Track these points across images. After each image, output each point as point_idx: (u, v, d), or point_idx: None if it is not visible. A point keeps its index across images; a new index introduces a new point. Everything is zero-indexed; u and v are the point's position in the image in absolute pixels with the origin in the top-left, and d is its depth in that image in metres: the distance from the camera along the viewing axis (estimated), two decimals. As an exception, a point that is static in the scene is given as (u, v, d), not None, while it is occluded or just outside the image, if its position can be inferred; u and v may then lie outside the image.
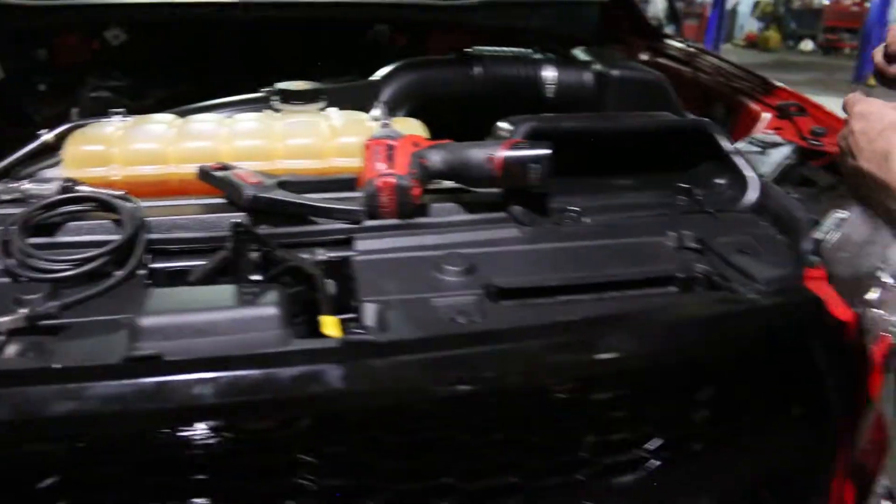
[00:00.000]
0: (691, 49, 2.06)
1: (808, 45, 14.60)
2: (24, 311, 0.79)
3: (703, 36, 14.23)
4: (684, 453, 0.95)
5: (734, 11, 15.20)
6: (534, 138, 1.08)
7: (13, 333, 0.78)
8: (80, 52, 1.85)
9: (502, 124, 1.15)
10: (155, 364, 0.72)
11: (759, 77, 1.81)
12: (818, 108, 1.67)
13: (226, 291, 0.83)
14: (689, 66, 1.95)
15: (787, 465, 1.05)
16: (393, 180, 0.99)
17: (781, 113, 1.58)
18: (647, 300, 0.93)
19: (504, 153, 1.00)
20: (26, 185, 0.99)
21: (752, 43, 14.72)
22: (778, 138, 1.47)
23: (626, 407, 0.89)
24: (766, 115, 1.57)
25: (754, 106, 1.63)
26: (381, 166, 1.01)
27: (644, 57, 2.11)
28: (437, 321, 0.84)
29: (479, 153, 1.01)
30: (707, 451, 0.97)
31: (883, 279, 0.98)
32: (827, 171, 1.42)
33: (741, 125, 1.59)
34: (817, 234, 1.14)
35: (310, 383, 0.71)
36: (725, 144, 1.17)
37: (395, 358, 0.76)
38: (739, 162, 1.16)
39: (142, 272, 0.91)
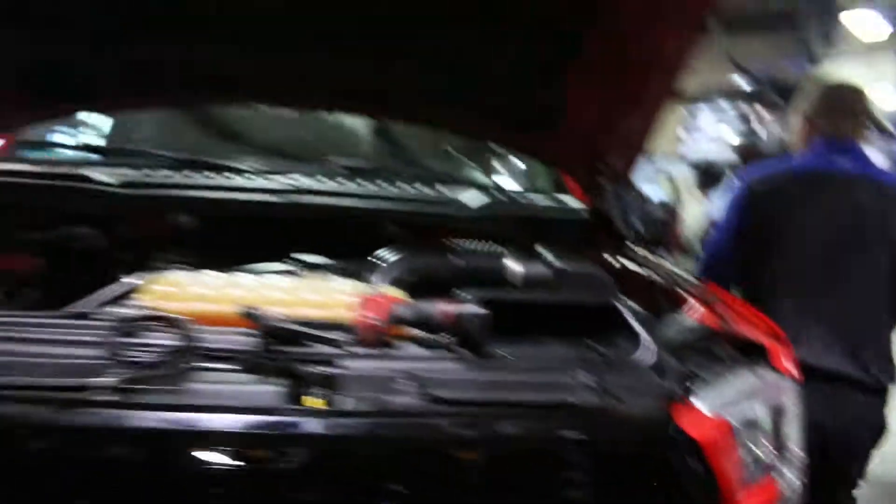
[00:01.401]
0: (643, 253, 2.54)
1: None
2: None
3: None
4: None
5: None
6: (485, 304, 1.50)
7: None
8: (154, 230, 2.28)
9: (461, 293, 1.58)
10: None
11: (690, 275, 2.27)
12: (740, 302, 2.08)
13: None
14: (640, 266, 2.41)
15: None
16: (372, 322, 1.42)
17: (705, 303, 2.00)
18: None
19: (454, 309, 1.43)
20: (119, 310, 1.43)
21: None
22: None
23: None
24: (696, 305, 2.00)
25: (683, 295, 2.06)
26: (367, 313, 1.44)
27: (608, 256, 2.58)
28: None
29: (435, 308, 1.44)
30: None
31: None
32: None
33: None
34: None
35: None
36: (629, 318, 1.59)
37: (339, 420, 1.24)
38: (637, 328, 1.56)
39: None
